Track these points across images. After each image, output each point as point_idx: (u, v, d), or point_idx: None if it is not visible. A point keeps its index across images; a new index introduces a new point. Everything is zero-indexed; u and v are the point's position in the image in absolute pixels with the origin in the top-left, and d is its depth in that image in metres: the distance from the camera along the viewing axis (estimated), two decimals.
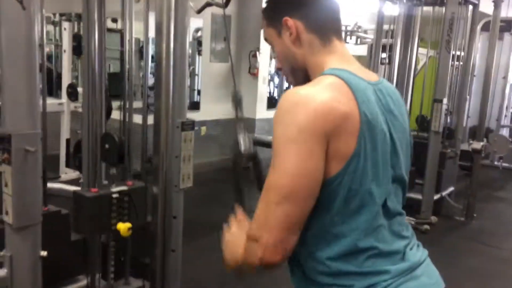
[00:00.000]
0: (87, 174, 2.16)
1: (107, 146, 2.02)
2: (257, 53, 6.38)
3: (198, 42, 6.63)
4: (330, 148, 0.99)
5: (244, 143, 1.32)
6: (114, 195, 1.86)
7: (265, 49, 6.51)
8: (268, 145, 5.18)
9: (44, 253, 1.74)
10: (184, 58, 2.08)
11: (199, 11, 3.04)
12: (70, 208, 2.03)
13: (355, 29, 6.66)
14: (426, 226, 4.37)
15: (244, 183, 1.35)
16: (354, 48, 6.92)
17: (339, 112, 0.99)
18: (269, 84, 7.50)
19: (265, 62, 6.68)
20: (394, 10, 4.78)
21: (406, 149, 1.19)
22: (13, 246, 1.68)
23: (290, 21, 1.12)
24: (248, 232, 1.05)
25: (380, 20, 4.72)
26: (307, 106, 0.99)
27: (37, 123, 1.64)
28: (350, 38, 6.70)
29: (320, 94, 1.00)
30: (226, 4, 2.29)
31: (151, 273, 2.27)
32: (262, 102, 6.74)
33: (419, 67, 6.18)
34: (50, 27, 7.53)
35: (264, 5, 1.22)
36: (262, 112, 6.69)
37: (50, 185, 2.31)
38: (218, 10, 6.37)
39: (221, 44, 6.39)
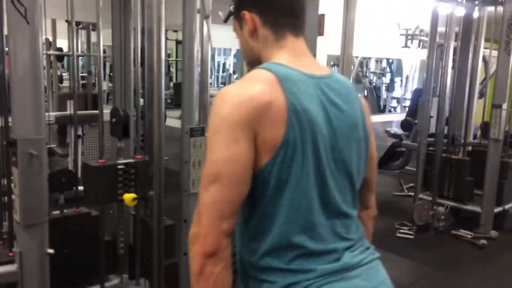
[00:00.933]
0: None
1: (113, 120, 2.11)
2: None
3: None
4: (258, 138, 1.01)
5: None
6: (120, 167, 1.93)
7: (321, 56, 6.44)
8: None
9: (51, 251, 1.85)
10: (191, 64, 2.13)
11: (225, 20, 3.11)
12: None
13: (417, 32, 6.37)
14: (483, 241, 4.06)
15: None
16: (417, 53, 6.64)
17: (261, 101, 1.00)
18: None
19: None
20: (453, 11, 4.52)
21: (358, 146, 1.15)
22: (22, 243, 1.81)
23: (247, 15, 1.14)
24: (189, 239, 1.05)
25: (434, 22, 4.50)
26: (231, 99, 1.02)
27: (41, 129, 1.77)
28: (411, 42, 6.41)
29: (245, 88, 1.04)
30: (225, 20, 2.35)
31: (165, 275, 2.33)
32: None
33: (492, 70, 5.79)
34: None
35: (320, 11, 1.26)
36: None
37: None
38: None
39: None
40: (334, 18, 4.82)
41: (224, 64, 10.25)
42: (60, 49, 6.32)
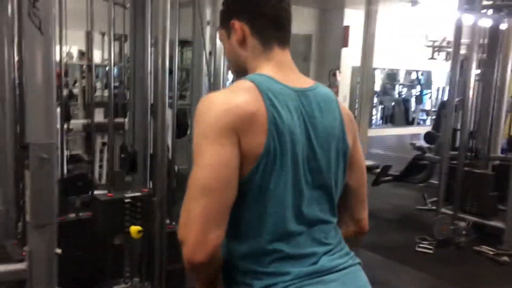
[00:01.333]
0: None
1: (122, 155, 2.20)
2: (337, 72, 6.34)
3: None
4: (242, 146, 1.04)
5: None
6: (127, 200, 2.01)
7: (345, 68, 6.44)
8: None
9: (59, 251, 1.93)
10: (200, 71, 2.19)
11: None
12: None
13: (444, 44, 6.27)
14: (505, 258, 3.94)
15: None
16: (444, 65, 6.53)
17: (246, 110, 1.04)
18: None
19: (346, 81, 6.60)
20: (477, 22, 4.45)
21: (336, 157, 1.18)
22: (32, 242, 1.90)
23: (237, 24, 1.17)
24: (178, 237, 1.09)
25: (458, 33, 4.43)
26: (216, 107, 1.05)
27: (52, 134, 1.86)
28: (438, 54, 6.31)
29: (229, 96, 1.08)
30: None
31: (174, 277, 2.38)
32: None
33: None
34: None
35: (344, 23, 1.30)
36: None
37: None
38: (298, 30, 6.49)
39: (300, 63, 6.47)
40: (359, 30, 4.81)
41: None
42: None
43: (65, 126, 4.49)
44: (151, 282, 2.34)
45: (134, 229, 1.99)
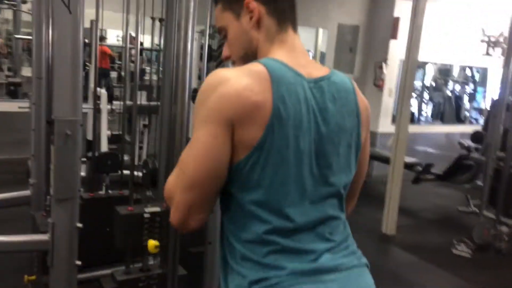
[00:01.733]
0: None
1: (144, 171, 2.26)
2: (383, 64, 6.14)
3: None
4: (235, 136, 1.00)
5: None
6: (146, 215, 2.06)
7: (393, 61, 6.23)
8: (386, 160, 4.96)
9: (80, 225, 1.99)
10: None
11: None
12: None
13: (501, 39, 5.93)
14: None
15: None
16: (499, 62, 6.17)
17: (249, 101, 0.99)
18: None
19: (393, 74, 6.39)
20: None
21: (348, 153, 1.12)
22: (54, 215, 1.97)
23: (253, 4, 1.10)
24: (166, 186, 1.10)
25: None
26: (219, 90, 1.00)
27: (77, 112, 1.91)
28: (494, 50, 5.98)
29: (236, 80, 1.00)
30: None
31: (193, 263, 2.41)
32: (386, 116, 6.45)
33: None
34: None
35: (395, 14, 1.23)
36: (385, 126, 6.40)
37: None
38: (345, 20, 6.33)
39: (346, 54, 6.32)
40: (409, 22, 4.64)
41: None
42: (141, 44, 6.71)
43: (109, 106, 4.68)
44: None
45: (152, 243, 2.04)
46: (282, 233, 1.04)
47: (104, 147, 4.30)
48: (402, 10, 6.10)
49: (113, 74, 8.97)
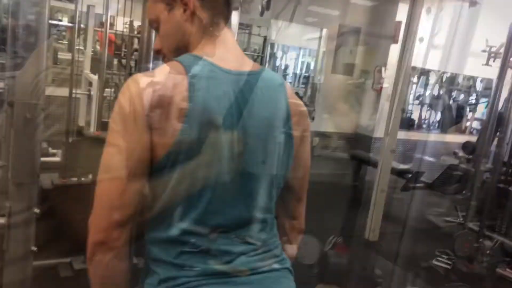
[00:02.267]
0: None
1: None
2: (383, 68, 6.08)
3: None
4: (153, 133, 0.97)
5: None
6: None
7: (393, 65, 6.15)
8: (374, 165, 4.90)
9: (37, 210, 1.98)
10: None
11: (261, 14, 3.12)
12: None
13: (501, 50, 5.82)
14: None
15: None
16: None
17: (162, 98, 0.97)
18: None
19: (392, 79, 6.30)
20: None
21: (276, 150, 1.09)
22: (12, 199, 1.96)
23: None
24: None
25: (510, 39, 4.10)
26: (133, 90, 0.99)
27: (38, 96, 1.89)
28: (494, 61, 5.88)
29: (150, 80, 0.99)
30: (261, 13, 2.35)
31: None
32: (384, 121, 6.37)
33: None
34: None
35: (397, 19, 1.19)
36: (382, 131, 6.32)
37: None
38: (346, 21, 6.27)
39: (346, 56, 6.27)
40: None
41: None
42: None
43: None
44: None
45: None
46: (199, 233, 1.02)
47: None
48: (405, 14, 6.01)
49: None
